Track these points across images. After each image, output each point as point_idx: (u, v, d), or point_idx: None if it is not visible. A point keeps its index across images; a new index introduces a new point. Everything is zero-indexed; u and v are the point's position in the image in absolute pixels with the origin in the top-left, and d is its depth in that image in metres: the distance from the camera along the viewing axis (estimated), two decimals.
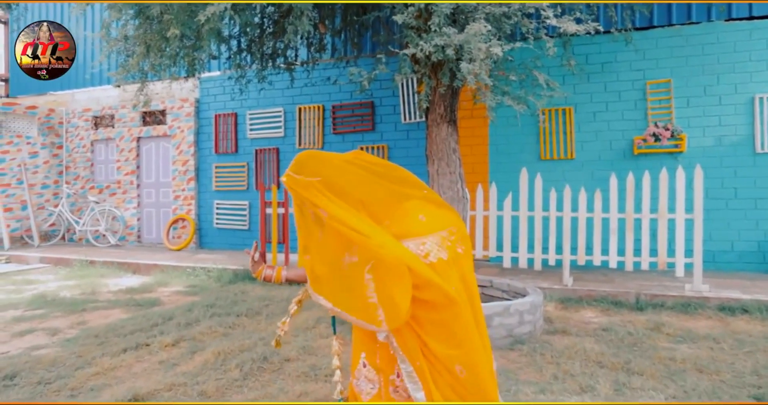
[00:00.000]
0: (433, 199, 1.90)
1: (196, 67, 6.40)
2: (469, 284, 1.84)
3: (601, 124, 7.39)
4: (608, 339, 4.30)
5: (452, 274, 1.76)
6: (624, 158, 7.25)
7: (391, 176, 1.87)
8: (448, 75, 4.32)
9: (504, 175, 7.59)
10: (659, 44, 7.08)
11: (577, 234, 5.99)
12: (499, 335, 4.27)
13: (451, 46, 3.87)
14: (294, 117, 9.24)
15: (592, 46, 7.34)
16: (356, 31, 6.78)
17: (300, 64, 7.47)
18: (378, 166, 1.88)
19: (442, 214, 1.86)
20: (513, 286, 5.21)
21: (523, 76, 4.64)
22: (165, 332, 4.46)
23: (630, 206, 5.68)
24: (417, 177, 1.94)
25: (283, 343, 4.14)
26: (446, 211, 1.89)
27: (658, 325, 4.60)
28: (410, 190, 1.86)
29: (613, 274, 6.53)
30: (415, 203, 1.84)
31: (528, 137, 7.68)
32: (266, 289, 6.25)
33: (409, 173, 1.93)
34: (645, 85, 7.15)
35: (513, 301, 4.40)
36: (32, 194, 10.66)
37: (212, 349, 3.98)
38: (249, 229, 9.48)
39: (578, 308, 5.42)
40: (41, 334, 4.62)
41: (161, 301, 5.86)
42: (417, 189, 1.88)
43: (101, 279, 7.36)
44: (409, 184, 1.89)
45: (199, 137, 10.05)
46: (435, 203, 1.88)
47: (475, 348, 1.77)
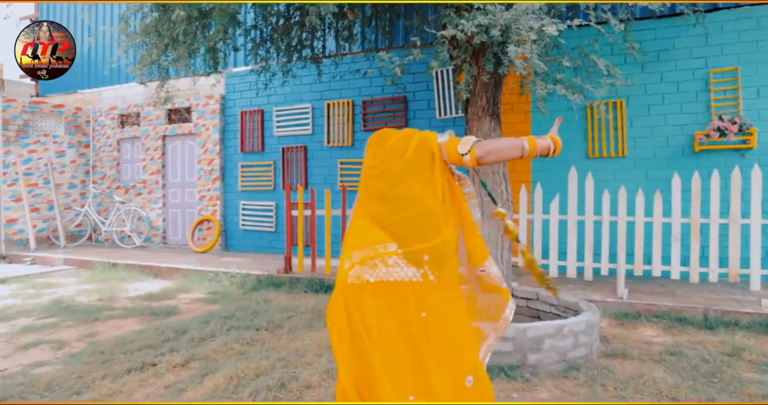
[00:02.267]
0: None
1: (218, 60, 6.03)
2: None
3: (657, 119, 6.69)
4: (679, 366, 3.69)
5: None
6: (683, 156, 6.55)
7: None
8: (492, 61, 3.77)
9: (548, 174, 6.97)
10: (724, 28, 6.35)
11: (633, 240, 5.35)
12: (550, 360, 3.71)
13: (497, 26, 3.33)
14: (322, 113, 8.79)
15: (646, 32, 6.65)
16: (387, 19, 6.27)
17: (328, 57, 7.01)
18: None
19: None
20: (563, 300, 4.62)
21: (579, 62, 4.05)
22: (175, 349, 4.05)
23: (696, 210, 5.02)
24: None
25: (304, 365, 3.67)
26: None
27: (736, 350, 3.95)
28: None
29: (673, 286, 5.84)
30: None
31: (574, 133, 7.04)
32: (290, 298, 5.82)
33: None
34: (707, 75, 6.42)
35: (566, 321, 3.83)
36: (59, 194, 10.51)
37: (225, 372, 3.53)
38: (275, 231, 9.08)
39: (636, 325, 4.80)
40: (46, 348, 4.27)
41: (179, 310, 5.48)
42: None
43: (121, 283, 7.06)
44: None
45: (225, 135, 9.71)
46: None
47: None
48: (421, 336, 1.81)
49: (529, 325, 3.70)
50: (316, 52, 6.58)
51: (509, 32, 3.39)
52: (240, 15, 5.59)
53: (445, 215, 1.94)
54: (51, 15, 11.66)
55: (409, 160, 1.96)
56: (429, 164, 1.95)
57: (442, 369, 1.80)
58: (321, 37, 6.43)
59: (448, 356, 1.83)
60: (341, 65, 8.06)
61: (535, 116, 7.19)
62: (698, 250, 5.08)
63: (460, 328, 1.90)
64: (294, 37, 6.01)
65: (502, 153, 1.88)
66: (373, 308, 1.85)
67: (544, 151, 1.93)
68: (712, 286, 5.65)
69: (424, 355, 1.80)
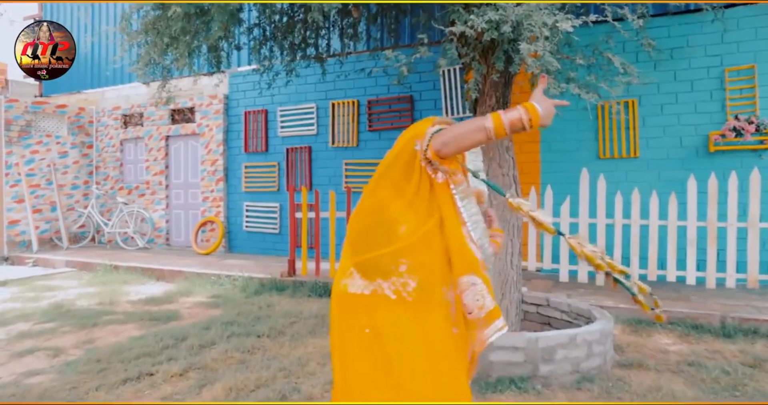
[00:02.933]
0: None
1: (220, 59, 5.90)
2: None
3: (670, 118, 6.51)
4: (699, 378, 3.52)
5: None
6: (697, 157, 6.36)
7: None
8: (503, 59, 3.62)
9: (557, 176, 6.80)
10: (740, 24, 6.15)
11: (647, 245, 5.18)
12: (563, 371, 3.55)
13: (508, 22, 3.17)
14: (327, 113, 8.65)
15: (660, 29, 6.46)
16: (393, 16, 6.11)
17: (332, 56, 6.86)
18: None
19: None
20: (574, 307, 4.46)
21: (592, 60, 3.88)
22: (174, 358, 3.91)
23: (713, 213, 4.85)
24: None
25: (307, 375, 3.53)
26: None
27: (757, 360, 3.78)
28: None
29: (687, 291, 5.65)
30: None
31: (585, 133, 6.87)
32: (293, 303, 5.68)
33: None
34: (723, 73, 6.24)
35: (580, 330, 3.67)
36: (62, 195, 10.43)
37: (223, 382, 3.40)
38: (280, 233, 8.95)
39: (651, 332, 4.62)
40: (42, 356, 4.15)
41: (179, 315, 5.35)
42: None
43: (123, 286, 6.95)
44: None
45: (229, 135, 9.59)
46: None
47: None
48: (364, 354, 1.62)
49: (541, 335, 3.54)
50: (320, 50, 6.44)
51: (521, 28, 3.24)
52: (242, 13, 5.45)
53: (415, 223, 1.64)
54: (54, 15, 11.58)
55: (389, 163, 1.73)
56: (410, 166, 1.67)
57: (384, 393, 1.58)
58: (325, 36, 6.29)
59: (386, 383, 1.58)
60: (346, 64, 7.92)
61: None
62: (715, 254, 4.90)
63: (411, 353, 1.59)
64: (297, 35, 5.87)
65: (461, 140, 1.54)
66: (337, 319, 1.75)
67: (517, 125, 1.52)
68: (728, 292, 5.44)
69: (369, 376, 1.62)
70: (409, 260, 1.62)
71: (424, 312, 1.62)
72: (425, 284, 1.63)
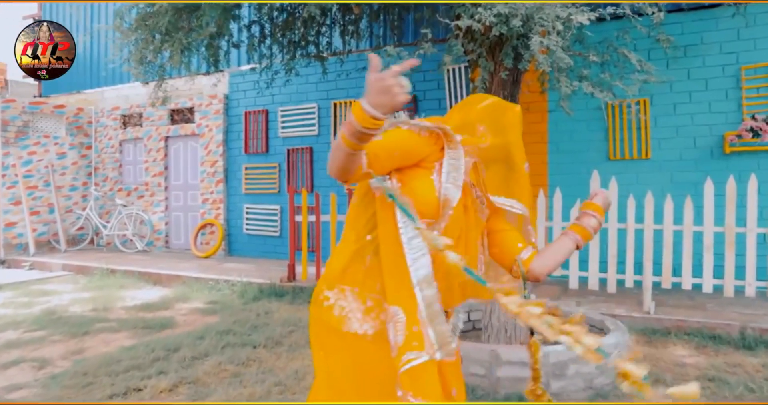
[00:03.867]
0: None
1: (218, 57, 5.72)
2: None
3: (683, 118, 6.27)
4: (721, 395, 3.30)
5: None
6: (711, 158, 6.12)
7: None
8: (512, 55, 3.40)
9: (566, 177, 6.58)
10: (758, 21, 5.91)
11: (661, 250, 4.96)
12: (575, 387, 3.34)
13: (518, 16, 2.96)
14: (329, 113, 8.45)
15: (672, 26, 6.20)
16: (396, 13, 5.91)
17: (333, 54, 6.66)
18: None
19: None
20: (587, 317, 4.23)
21: (606, 57, 3.67)
22: (164, 371, 3.71)
23: (731, 217, 4.62)
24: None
25: (303, 390, 3.32)
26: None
27: None
28: None
29: (702, 299, 5.42)
30: None
31: (594, 134, 6.64)
32: (292, 310, 5.48)
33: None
34: (739, 71, 6.00)
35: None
36: (60, 197, 10.26)
37: (214, 398, 3.20)
38: (280, 235, 8.75)
39: (666, 343, 4.40)
40: (27, 368, 3.96)
41: (174, 323, 5.16)
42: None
43: (119, 291, 6.76)
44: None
45: (228, 136, 9.40)
46: None
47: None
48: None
49: (552, 349, 3.33)
50: (321, 48, 6.23)
51: (531, 22, 3.02)
52: (239, 9, 5.25)
53: (358, 247, 1.55)
54: (54, 15, 11.42)
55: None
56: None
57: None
58: (326, 33, 6.08)
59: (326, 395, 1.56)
60: (347, 63, 7.71)
61: (553, 116, 6.80)
62: (733, 260, 4.67)
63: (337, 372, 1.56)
64: (297, 32, 5.67)
65: (333, 158, 1.33)
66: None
67: (351, 128, 1.22)
68: (747, 301, 5.18)
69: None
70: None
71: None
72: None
